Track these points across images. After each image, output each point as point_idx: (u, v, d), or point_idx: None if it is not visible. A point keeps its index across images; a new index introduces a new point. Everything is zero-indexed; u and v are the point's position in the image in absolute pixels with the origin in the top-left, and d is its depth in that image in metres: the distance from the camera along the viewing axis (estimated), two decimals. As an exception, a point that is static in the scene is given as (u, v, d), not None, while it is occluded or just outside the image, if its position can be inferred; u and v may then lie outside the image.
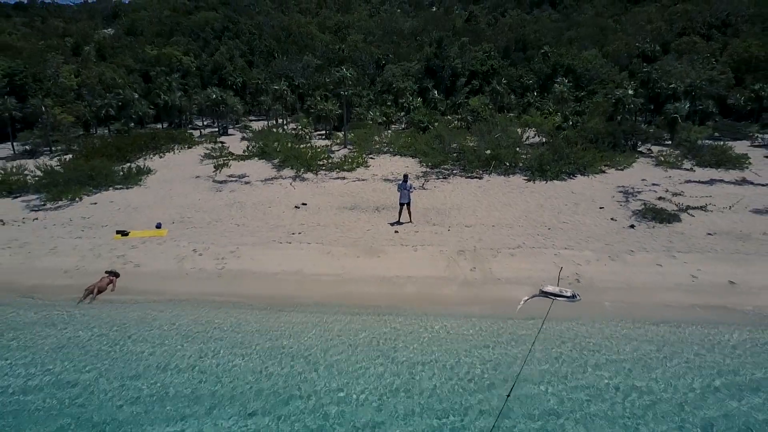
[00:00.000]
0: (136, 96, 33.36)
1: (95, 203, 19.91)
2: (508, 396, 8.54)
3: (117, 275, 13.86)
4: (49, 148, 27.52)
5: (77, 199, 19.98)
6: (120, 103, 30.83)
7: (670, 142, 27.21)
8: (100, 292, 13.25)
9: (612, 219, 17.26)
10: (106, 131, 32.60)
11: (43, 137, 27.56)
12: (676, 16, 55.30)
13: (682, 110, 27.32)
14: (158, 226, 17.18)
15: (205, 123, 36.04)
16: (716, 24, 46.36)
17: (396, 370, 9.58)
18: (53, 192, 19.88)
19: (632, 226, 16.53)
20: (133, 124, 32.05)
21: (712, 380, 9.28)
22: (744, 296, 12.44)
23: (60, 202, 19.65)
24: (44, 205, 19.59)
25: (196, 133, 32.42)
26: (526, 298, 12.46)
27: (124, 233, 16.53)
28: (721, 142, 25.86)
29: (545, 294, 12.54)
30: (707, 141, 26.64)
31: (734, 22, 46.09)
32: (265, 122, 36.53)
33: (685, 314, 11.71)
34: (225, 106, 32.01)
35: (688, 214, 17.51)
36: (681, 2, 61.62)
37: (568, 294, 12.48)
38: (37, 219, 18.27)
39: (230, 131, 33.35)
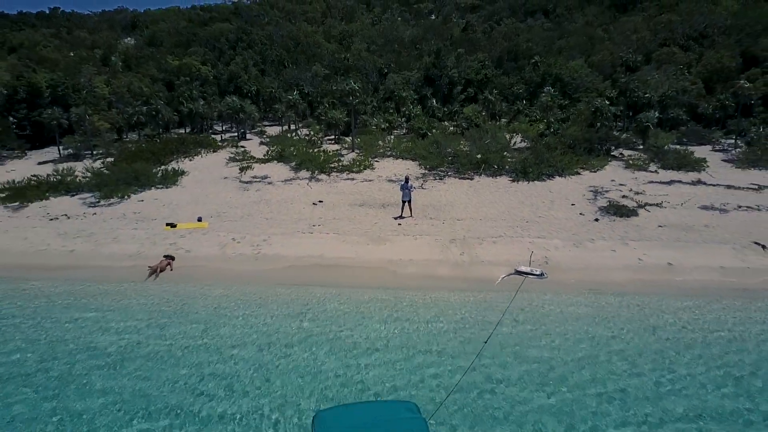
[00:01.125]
0: (162, 104, 36.22)
1: (142, 200, 22.80)
2: (485, 342, 11.39)
3: (173, 258, 16.76)
4: (90, 152, 30.36)
5: (126, 197, 22.87)
6: (153, 112, 33.70)
7: (642, 147, 30.04)
8: (161, 271, 16.16)
9: (581, 214, 20.13)
10: (136, 136, 35.43)
11: (84, 142, 30.40)
12: (660, 26, 57.94)
13: (652, 119, 30.16)
14: (199, 220, 20.07)
15: (224, 128, 38.84)
16: (694, 36, 49.12)
17: (388, 336, 12.45)
18: (105, 191, 22.78)
19: (596, 220, 19.41)
20: (160, 129, 34.89)
21: (644, 331, 12.21)
22: (677, 274, 15.32)
23: (112, 200, 22.54)
24: (99, 202, 22.47)
25: (218, 137, 35.27)
26: (504, 275, 15.34)
27: (172, 225, 19.43)
28: (686, 147, 28.69)
29: (519, 272, 15.42)
30: (675, 146, 29.47)
31: (711, 34, 48.81)
32: (279, 127, 39.37)
33: (631, 288, 14.61)
34: (244, 113, 34.88)
35: (646, 210, 20.38)
36: (666, 12, 64.34)
37: (537, 273, 15.35)
38: (95, 214, 21.17)
39: (248, 136, 36.19)
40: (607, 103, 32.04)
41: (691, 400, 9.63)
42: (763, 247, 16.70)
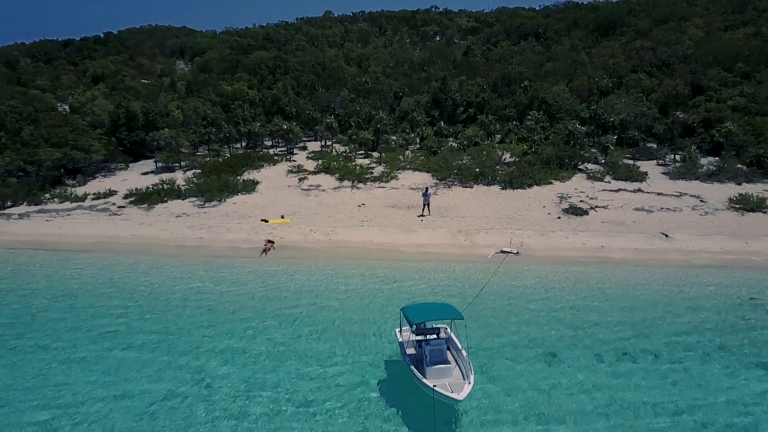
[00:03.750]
0: (224, 125, 43.57)
1: (235, 203, 30.17)
2: (479, 293, 18.70)
3: (273, 243, 24.16)
4: (178, 165, 37.71)
5: (223, 200, 30.24)
6: (224, 134, 41.04)
7: (603, 162, 37.06)
8: (268, 251, 23.57)
9: (548, 213, 27.34)
10: (205, 151, 42.69)
11: (173, 157, 37.72)
12: (633, 52, 64.83)
13: (611, 140, 37.23)
14: (282, 217, 27.42)
15: (272, 143, 46.11)
16: (659, 64, 55.98)
17: (420, 284, 19.84)
18: (207, 195, 30.16)
19: (559, 217, 26.64)
20: (226, 146, 42.19)
21: (578, 282, 19.56)
22: (607, 252, 22.58)
23: (213, 203, 29.92)
24: (204, 204, 29.85)
25: (270, 151, 42.58)
26: (493, 253, 22.64)
27: (265, 221, 26.80)
28: (634, 162, 35.74)
29: (503, 251, 22.73)
30: (628, 161, 36.47)
31: (672, 63, 55.62)
32: (316, 142, 46.59)
33: (575, 261, 21.90)
34: (292, 134, 42.19)
35: (594, 210, 27.56)
36: (639, 38, 71.13)
37: (515, 252, 22.65)
38: (205, 213, 28.57)
39: (294, 151, 43.42)
40: (579, 126, 39.14)
41: (594, 313, 17.02)
42: (666, 236, 23.95)
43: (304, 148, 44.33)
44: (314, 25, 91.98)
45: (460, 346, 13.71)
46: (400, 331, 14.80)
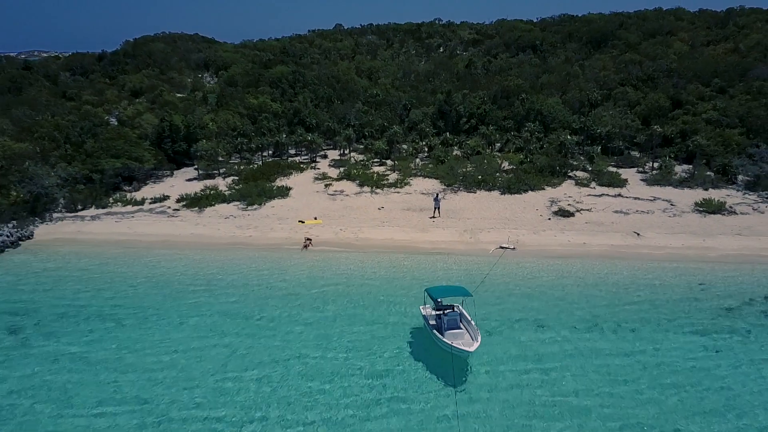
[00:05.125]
0: (253, 136, 47.87)
1: (273, 206, 34.43)
2: (483, 279, 22.94)
3: (311, 240, 28.44)
4: (217, 172, 42.01)
5: (262, 204, 34.51)
6: (255, 145, 45.36)
7: (590, 170, 41.19)
8: (306, 247, 27.85)
9: (540, 215, 31.53)
10: (237, 160, 46.95)
11: (212, 165, 42.04)
12: (622, 65, 68.83)
13: (596, 151, 41.41)
14: (315, 218, 31.68)
15: (296, 152, 50.39)
16: (644, 78, 60.02)
17: (431, 272, 24.14)
18: (249, 200, 34.45)
19: (549, 219, 30.82)
20: (253, 155, 46.44)
21: (562, 270, 23.82)
22: (588, 248, 26.77)
23: (254, 206, 34.19)
24: (246, 208, 34.13)
25: (294, 159, 46.86)
26: (494, 248, 26.88)
27: (302, 221, 31.07)
28: (617, 170, 39.86)
29: (502, 247, 26.96)
30: (612, 168, 40.58)
31: (656, 77, 59.68)
32: (334, 150, 50.84)
33: (561, 254, 26.12)
34: (315, 144, 46.52)
35: (580, 213, 31.74)
36: (629, 51, 75.05)
37: (512, 247, 26.88)
38: (249, 215, 32.85)
39: (317, 159, 47.65)
40: (569, 137, 43.31)
41: (573, 293, 21.29)
42: (638, 234, 28.13)
43: (325, 157, 48.59)
44: (326, 38, 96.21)
45: (469, 318, 18.00)
46: (423, 307, 19.10)
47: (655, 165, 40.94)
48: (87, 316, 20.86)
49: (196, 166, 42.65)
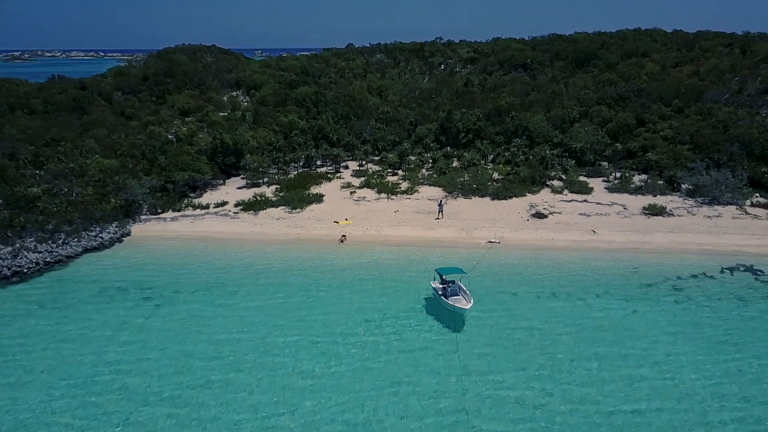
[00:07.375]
0: (287, 150, 55.39)
1: (312, 210, 41.89)
2: (476, 264, 30.42)
3: (345, 236, 35.94)
4: (262, 181, 49.54)
5: (303, 208, 41.99)
6: (289, 158, 52.96)
7: (564, 179, 48.47)
8: (342, 242, 35.36)
9: (521, 217, 38.91)
10: (274, 170, 54.41)
11: (257, 175, 49.60)
12: (600, 85, 75.83)
13: (571, 164, 48.79)
14: (346, 219, 39.14)
15: (322, 163, 57.95)
16: (616, 98, 67.17)
17: (438, 259, 31.66)
18: (293, 204, 41.94)
19: (527, 220, 38.20)
20: (286, 166, 53.98)
21: (536, 259, 31.32)
22: (555, 243, 34.17)
23: (297, 210, 41.66)
24: (291, 211, 41.62)
25: (323, 170, 54.39)
26: (484, 242, 34.35)
27: (336, 222, 38.57)
28: (588, 179, 47.13)
29: (489, 241, 34.42)
30: (583, 178, 47.85)
31: (628, 96, 66.81)
32: (352, 161, 58.35)
33: (535, 247, 33.56)
34: (339, 157, 54.08)
35: (552, 215, 39.09)
36: (607, 71, 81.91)
37: (498, 241, 34.34)
38: (294, 216, 40.34)
39: (340, 169, 55.15)
40: (549, 151, 50.64)
41: (540, 274, 28.80)
42: (594, 231, 35.51)
43: (346, 167, 56.05)
44: (340, 57, 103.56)
45: (465, 289, 25.54)
46: (433, 282, 26.65)
47: (618, 175, 48.22)
48: (195, 289, 28.43)
49: (243, 176, 50.20)
